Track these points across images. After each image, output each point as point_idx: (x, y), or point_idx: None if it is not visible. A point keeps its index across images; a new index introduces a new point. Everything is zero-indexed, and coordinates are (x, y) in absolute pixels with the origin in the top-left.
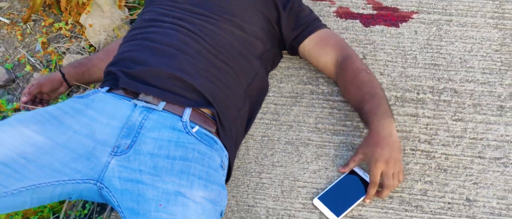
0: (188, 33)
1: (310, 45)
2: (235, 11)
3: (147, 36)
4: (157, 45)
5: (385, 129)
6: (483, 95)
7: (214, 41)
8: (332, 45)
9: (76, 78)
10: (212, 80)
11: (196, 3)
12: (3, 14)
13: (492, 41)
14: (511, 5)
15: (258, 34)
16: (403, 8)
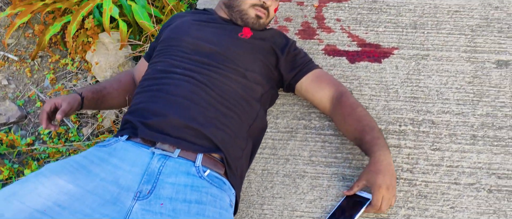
0: (198, 84)
1: (306, 83)
2: (237, 61)
3: (161, 88)
4: (171, 97)
5: (386, 158)
6: (458, 125)
7: (221, 90)
8: (327, 83)
9: (91, 103)
10: (220, 127)
11: (204, 54)
12: (11, 51)
13: (465, 73)
14: (482, 38)
15: (258, 79)
16: (385, 44)
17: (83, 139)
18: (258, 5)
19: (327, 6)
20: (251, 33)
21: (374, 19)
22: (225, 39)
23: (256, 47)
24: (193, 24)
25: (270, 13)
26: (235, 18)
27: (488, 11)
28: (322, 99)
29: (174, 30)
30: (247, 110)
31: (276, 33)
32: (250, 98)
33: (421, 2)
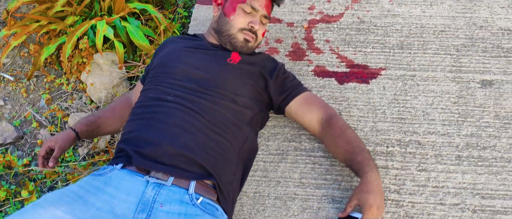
0: (188, 111)
1: (296, 106)
2: (227, 86)
3: (153, 116)
4: (163, 125)
5: (376, 179)
6: (443, 146)
7: (211, 116)
8: (316, 105)
9: (86, 135)
10: (211, 153)
11: (194, 81)
12: (6, 70)
13: (451, 94)
14: (467, 58)
15: (248, 103)
16: (373, 65)
17: (79, 159)
18: (246, 29)
19: (316, 27)
20: (240, 58)
21: (362, 40)
22: (214, 65)
23: (245, 72)
24: (183, 51)
25: (258, 37)
26: (224, 42)
27: (473, 31)
28: (311, 122)
29: (165, 57)
30: (237, 134)
31: (264, 57)
32: (240, 122)
33: (408, 22)
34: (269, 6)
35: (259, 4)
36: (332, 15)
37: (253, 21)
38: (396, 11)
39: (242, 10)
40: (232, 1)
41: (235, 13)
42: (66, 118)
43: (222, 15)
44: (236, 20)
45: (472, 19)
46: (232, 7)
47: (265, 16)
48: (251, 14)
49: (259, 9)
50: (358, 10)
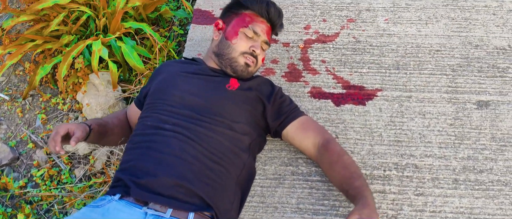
0: (186, 139)
1: (292, 130)
2: (224, 113)
3: (151, 145)
4: (161, 155)
5: (374, 204)
6: (440, 169)
7: (208, 144)
8: (312, 130)
9: (96, 136)
10: (209, 183)
11: (191, 108)
12: (1, 89)
13: (447, 115)
14: (462, 78)
15: (245, 130)
16: (369, 86)
17: (75, 181)
18: (247, 53)
19: (312, 47)
20: (238, 84)
21: (358, 60)
22: (212, 92)
23: (243, 98)
24: (180, 76)
25: (258, 62)
26: (225, 65)
27: (468, 50)
28: (308, 147)
29: (162, 82)
30: (235, 162)
31: (261, 81)
32: (237, 149)
33: (403, 41)
34: (269, 33)
35: (260, 29)
36: (328, 35)
37: (255, 46)
38: (391, 30)
39: (244, 35)
40: (234, 26)
41: (237, 37)
42: None
43: (223, 39)
44: (238, 44)
45: (467, 38)
46: (234, 31)
47: (266, 42)
48: (252, 39)
49: (261, 34)
50: (353, 29)
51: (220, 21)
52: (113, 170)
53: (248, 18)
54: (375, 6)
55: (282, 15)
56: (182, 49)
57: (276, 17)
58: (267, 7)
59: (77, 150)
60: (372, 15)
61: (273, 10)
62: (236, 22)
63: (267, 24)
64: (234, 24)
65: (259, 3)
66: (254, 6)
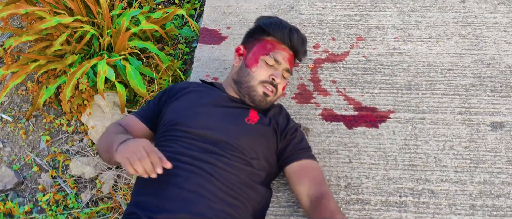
0: (204, 174)
1: (290, 172)
2: (243, 150)
3: (168, 179)
4: (177, 190)
5: None
6: (457, 194)
7: (226, 180)
8: (309, 178)
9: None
10: None
11: (210, 142)
12: (4, 110)
13: (462, 138)
14: (476, 99)
15: (263, 165)
16: (381, 108)
17: (82, 205)
18: (267, 82)
19: (322, 67)
20: (258, 118)
21: (369, 80)
22: (231, 127)
23: (261, 133)
24: (200, 107)
25: (278, 91)
26: (243, 94)
27: (481, 69)
28: (300, 194)
29: (179, 112)
30: (252, 196)
31: (278, 111)
32: (254, 184)
33: (414, 60)
34: (292, 60)
35: (282, 57)
36: (338, 54)
37: (275, 74)
38: (402, 48)
39: (264, 63)
40: (255, 52)
41: (257, 65)
42: (68, 161)
43: (243, 66)
44: (257, 72)
45: (479, 56)
46: (255, 59)
47: (287, 70)
48: (273, 67)
49: (282, 62)
50: (363, 48)
51: (242, 46)
52: (120, 195)
53: (269, 45)
54: (384, 23)
55: (306, 41)
56: (188, 67)
57: (300, 44)
58: (290, 34)
59: (83, 174)
60: (381, 33)
61: (296, 37)
62: (257, 49)
63: (290, 52)
64: (255, 50)
65: (281, 30)
66: (276, 32)
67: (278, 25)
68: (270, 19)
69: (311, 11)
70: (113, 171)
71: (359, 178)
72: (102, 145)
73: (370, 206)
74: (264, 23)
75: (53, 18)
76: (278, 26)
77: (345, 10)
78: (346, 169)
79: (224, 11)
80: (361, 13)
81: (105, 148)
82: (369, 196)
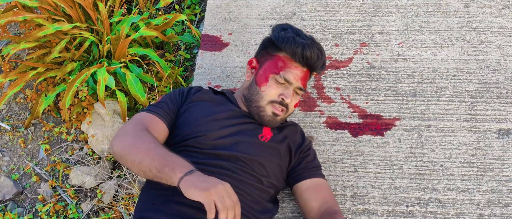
0: None
1: (302, 188)
2: (255, 168)
3: (171, 195)
4: (182, 208)
5: None
6: (464, 203)
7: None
8: (323, 196)
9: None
10: None
11: (222, 158)
12: (2, 118)
13: (468, 145)
14: (481, 105)
15: (272, 183)
16: (386, 115)
17: (82, 216)
18: (276, 101)
19: (326, 73)
20: (271, 135)
21: (374, 87)
22: (245, 144)
23: (274, 151)
24: (214, 122)
25: (290, 109)
26: (253, 113)
27: (486, 75)
28: (312, 209)
29: (193, 126)
30: (261, 212)
31: (294, 130)
32: (263, 201)
33: (419, 66)
34: (306, 77)
35: (293, 77)
36: (341, 60)
37: (285, 94)
38: (406, 54)
39: (274, 81)
40: (266, 70)
41: (267, 84)
42: (68, 170)
43: (254, 83)
44: (267, 92)
45: (484, 62)
46: (265, 77)
47: (300, 88)
48: (284, 85)
49: (293, 82)
50: (367, 54)
51: (254, 59)
52: (121, 205)
53: (281, 63)
54: (387, 29)
55: (323, 56)
56: (189, 74)
57: (315, 60)
58: (302, 51)
59: (83, 183)
60: (385, 39)
61: (310, 54)
62: (268, 66)
63: (303, 69)
64: (266, 67)
65: (294, 46)
66: (288, 49)
67: (290, 41)
68: (283, 33)
69: (313, 16)
70: (114, 180)
71: (365, 188)
72: (135, 153)
73: (377, 216)
74: (276, 38)
75: (52, 25)
76: (291, 43)
77: (348, 15)
78: (351, 178)
79: (226, 17)
80: (364, 18)
81: (144, 159)
82: (376, 206)
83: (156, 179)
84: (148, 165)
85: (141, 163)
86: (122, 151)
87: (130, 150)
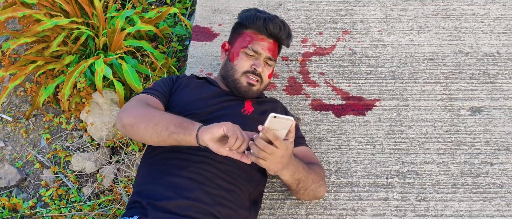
0: (202, 161)
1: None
2: None
3: (167, 169)
4: (176, 179)
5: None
6: (439, 174)
7: (224, 166)
8: (309, 160)
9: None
10: (224, 203)
11: None
12: (4, 110)
13: (443, 122)
14: (456, 86)
15: None
16: (367, 97)
17: (84, 199)
18: (249, 71)
19: (311, 60)
20: (253, 109)
21: (355, 71)
22: (230, 117)
23: (257, 123)
24: (199, 101)
25: (264, 79)
26: (231, 88)
27: (460, 58)
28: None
29: (182, 106)
30: (248, 181)
31: (274, 105)
32: (251, 169)
33: (398, 51)
34: (275, 49)
35: (261, 48)
36: (325, 47)
37: (256, 64)
38: (385, 41)
39: (245, 54)
40: (236, 47)
41: (239, 58)
42: (69, 157)
43: (227, 61)
44: (239, 65)
45: (458, 46)
46: (236, 53)
47: (269, 58)
48: (254, 57)
49: (262, 52)
50: (349, 41)
51: (226, 42)
52: (121, 187)
53: (248, 37)
54: (368, 17)
55: (286, 27)
56: (181, 65)
57: (277, 31)
58: (264, 24)
59: (84, 169)
60: (366, 27)
61: (272, 26)
62: (238, 43)
63: (269, 40)
64: (236, 45)
65: (257, 21)
66: (252, 24)
67: (253, 17)
68: (246, 13)
69: (298, 7)
70: (113, 165)
71: (348, 163)
72: (149, 117)
73: (359, 188)
74: (241, 17)
75: (50, 20)
76: (253, 18)
77: (331, 5)
78: (335, 154)
79: (215, 9)
80: (346, 8)
81: (160, 120)
82: (358, 179)
83: (171, 136)
84: (166, 123)
85: (158, 124)
86: (134, 119)
87: (143, 116)
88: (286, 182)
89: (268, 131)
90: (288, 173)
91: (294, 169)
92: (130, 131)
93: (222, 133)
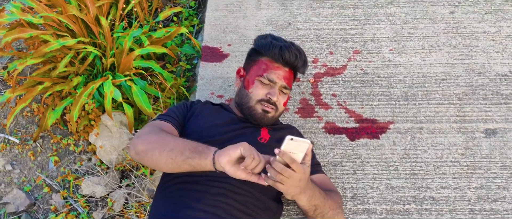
0: (219, 192)
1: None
2: None
3: (184, 200)
4: (193, 212)
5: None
6: (456, 200)
7: (240, 197)
8: (327, 188)
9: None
10: None
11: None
12: (10, 132)
13: (458, 145)
14: (469, 107)
15: None
16: (381, 119)
17: None
18: (264, 100)
19: (322, 81)
20: (269, 136)
21: (368, 92)
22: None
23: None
24: (215, 128)
25: (279, 107)
26: (246, 114)
27: (472, 77)
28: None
29: (197, 134)
30: (265, 211)
31: (289, 132)
32: (267, 199)
33: (409, 71)
34: (290, 77)
35: (276, 76)
36: (336, 68)
37: (271, 93)
38: (397, 60)
39: (260, 83)
40: (252, 74)
41: (254, 86)
42: (77, 181)
43: (242, 88)
44: (254, 93)
45: (470, 65)
46: (251, 80)
47: (285, 87)
48: (269, 86)
49: (277, 81)
50: (360, 61)
51: (241, 68)
52: (132, 212)
53: (264, 65)
54: (378, 36)
55: (302, 55)
56: (190, 85)
57: (293, 59)
58: (280, 52)
59: (94, 193)
60: (377, 46)
61: (288, 54)
62: (253, 70)
63: (285, 69)
64: (251, 72)
65: (273, 49)
66: (268, 52)
67: (269, 45)
68: (262, 40)
69: (308, 26)
70: (123, 189)
71: (364, 189)
72: (164, 143)
73: (376, 215)
74: (256, 44)
75: (57, 40)
76: (269, 46)
77: (341, 24)
78: (351, 180)
79: (224, 29)
80: (356, 26)
81: (176, 146)
82: (375, 206)
83: (186, 162)
84: (181, 149)
85: (172, 149)
86: (148, 145)
87: (157, 142)
88: (303, 207)
89: (285, 154)
90: (305, 198)
91: (311, 193)
92: (145, 157)
93: (239, 153)
